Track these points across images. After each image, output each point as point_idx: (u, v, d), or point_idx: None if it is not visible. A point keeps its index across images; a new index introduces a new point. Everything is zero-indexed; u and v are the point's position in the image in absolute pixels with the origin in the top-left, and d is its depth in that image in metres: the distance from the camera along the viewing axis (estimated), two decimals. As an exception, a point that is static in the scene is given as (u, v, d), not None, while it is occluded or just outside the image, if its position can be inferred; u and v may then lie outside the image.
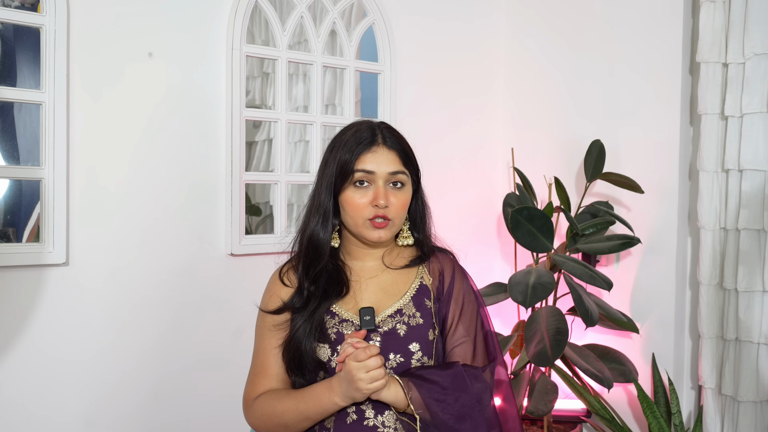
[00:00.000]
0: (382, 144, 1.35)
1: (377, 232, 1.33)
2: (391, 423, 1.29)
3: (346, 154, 1.34)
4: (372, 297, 1.37)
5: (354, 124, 1.40)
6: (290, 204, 2.43)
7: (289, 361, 1.34)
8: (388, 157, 1.34)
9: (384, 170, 1.33)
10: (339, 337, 1.32)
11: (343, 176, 1.34)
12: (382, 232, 1.33)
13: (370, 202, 1.32)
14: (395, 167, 1.34)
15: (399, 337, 1.32)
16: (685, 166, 2.35)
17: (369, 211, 1.32)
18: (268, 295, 1.43)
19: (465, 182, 2.80)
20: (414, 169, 1.39)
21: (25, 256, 1.86)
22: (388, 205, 1.32)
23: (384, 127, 1.38)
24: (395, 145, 1.36)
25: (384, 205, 1.32)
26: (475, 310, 1.41)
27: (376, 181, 1.33)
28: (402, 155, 1.36)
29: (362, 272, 1.40)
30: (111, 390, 2.02)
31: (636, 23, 2.43)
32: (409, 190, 1.37)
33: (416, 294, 1.38)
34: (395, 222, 1.35)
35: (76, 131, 1.95)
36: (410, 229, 1.42)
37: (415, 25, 2.65)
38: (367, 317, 1.31)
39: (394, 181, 1.34)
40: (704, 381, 2.19)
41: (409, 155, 1.38)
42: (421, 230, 1.42)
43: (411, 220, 1.42)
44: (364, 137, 1.35)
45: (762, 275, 2.07)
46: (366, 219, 1.33)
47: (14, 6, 1.88)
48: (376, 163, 1.33)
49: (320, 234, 1.37)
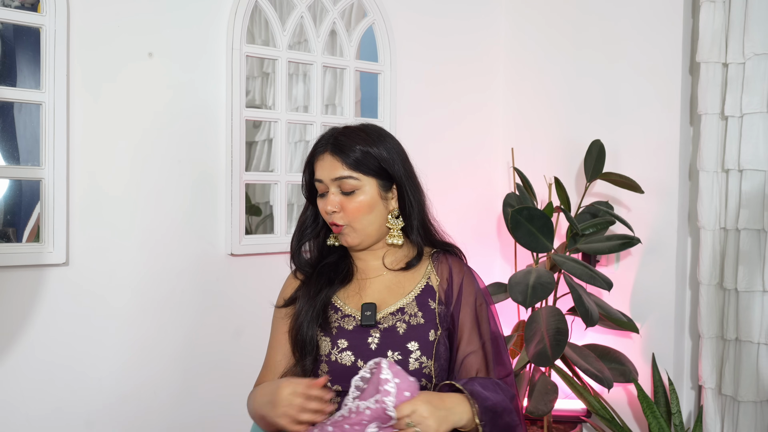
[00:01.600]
0: (328, 152, 1.36)
1: (343, 238, 1.38)
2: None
3: (307, 166, 1.41)
4: (376, 294, 1.39)
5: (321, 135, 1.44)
6: (290, 204, 2.43)
7: (294, 341, 1.39)
8: (332, 164, 1.35)
9: (327, 176, 1.35)
10: (340, 332, 1.35)
11: (309, 187, 1.42)
12: (345, 237, 1.38)
13: (325, 210, 1.37)
14: (338, 173, 1.34)
15: (398, 335, 1.33)
16: (685, 166, 2.35)
17: (327, 218, 1.38)
18: (281, 291, 1.49)
19: (465, 182, 2.80)
20: (373, 170, 1.35)
21: (25, 256, 1.86)
22: (337, 210, 1.35)
23: (339, 133, 1.38)
24: (339, 152, 1.34)
25: (332, 211, 1.35)
26: (485, 314, 1.40)
27: (329, 188, 1.36)
28: (350, 162, 1.34)
29: (368, 271, 1.42)
30: (111, 390, 2.02)
31: (636, 22, 2.43)
32: (368, 193, 1.35)
33: (420, 294, 1.38)
34: (354, 226, 1.36)
35: (76, 131, 1.95)
36: (404, 229, 1.41)
37: (415, 23, 2.65)
38: (368, 312, 1.34)
39: (344, 189, 1.34)
40: (704, 381, 2.19)
41: (361, 160, 1.34)
42: (414, 229, 1.40)
43: (405, 219, 1.41)
44: (318, 145, 1.39)
45: (762, 275, 2.07)
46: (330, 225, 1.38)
47: (14, 6, 1.88)
48: (320, 171, 1.37)
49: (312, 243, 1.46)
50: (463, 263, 1.45)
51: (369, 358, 1.30)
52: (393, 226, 1.40)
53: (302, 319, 1.36)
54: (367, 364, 1.23)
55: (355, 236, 1.37)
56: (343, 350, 1.33)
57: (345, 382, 1.30)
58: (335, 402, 1.31)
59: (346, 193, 1.34)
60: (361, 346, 1.33)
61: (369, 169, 1.35)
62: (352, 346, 1.33)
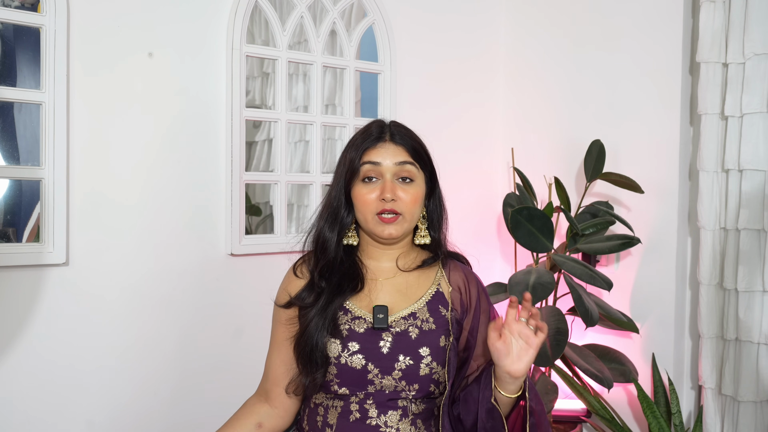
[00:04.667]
0: (389, 140, 1.36)
1: (387, 229, 1.33)
2: (394, 423, 1.30)
3: (354, 152, 1.35)
4: (387, 297, 1.37)
5: (367, 124, 1.41)
6: (290, 204, 2.43)
7: (299, 355, 1.34)
8: (395, 151, 1.34)
9: (390, 162, 1.33)
10: (351, 334, 1.32)
11: (351, 171, 1.35)
12: (392, 228, 1.32)
13: (377, 197, 1.32)
14: (402, 158, 1.34)
15: (410, 340, 1.32)
16: (685, 166, 2.35)
17: (377, 205, 1.32)
18: (280, 289, 1.45)
19: (465, 182, 2.80)
20: (426, 165, 1.38)
21: (25, 256, 1.86)
22: (395, 198, 1.31)
23: (394, 125, 1.39)
24: (404, 140, 1.36)
25: (391, 199, 1.31)
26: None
27: (384, 175, 1.33)
28: (411, 150, 1.36)
29: (378, 272, 1.40)
30: (111, 390, 2.02)
31: (636, 22, 2.43)
32: (421, 186, 1.36)
33: (431, 300, 1.37)
34: (405, 217, 1.33)
35: (76, 131, 1.95)
36: (428, 229, 1.41)
37: (415, 23, 2.65)
38: (381, 315, 1.31)
39: (402, 175, 1.33)
40: (704, 381, 2.19)
41: (419, 151, 1.37)
42: (437, 231, 1.41)
43: (429, 220, 1.41)
44: (372, 133, 1.36)
45: (762, 275, 2.07)
46: (374, 214, 1.32)
47: (14, 6, 1.88)
48: (382, 156, 1.34)
49: (326, 233, 1.38)
50: (474, 274, 1.45)
51: (380, 362, 1.29)
52: (422, 225, 1.40)
53: (313, 332, 1.31)
54: None
55: (402, 228, 1.34)
56: (354, 353, 1.30)
57: (355, 385, 1.30)
58: (338, 406, 1.31)
59: (404, 180, 1.34)
60: (372, 349, 1.31)
61: (423, 163, 1.38)
62: (363, 349, 1.31)
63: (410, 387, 1.30)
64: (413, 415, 1.31)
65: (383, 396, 1.30)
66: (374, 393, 1.30)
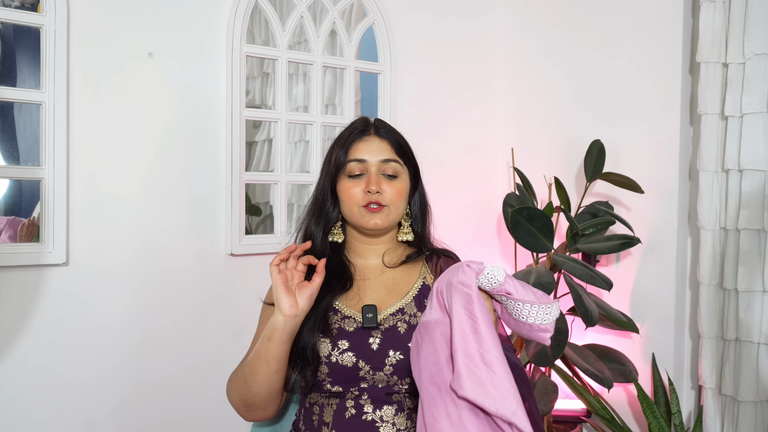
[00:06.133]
0: (374, 134, 1.39)
1: (373, 218, 1.35)
2: (390, 417, 1.30)
3: (339, 147, 1.39)
4: (375, 295, 1.39)
5: (352, 121, 1.44)
6: (290, 204, 2.43)
7: (292, 353, 1.34)
8: (380, 146, 1.37)
9: (375, 158, 1.36)
10: (340, 333, 1.33)
11: (337, 167, 1.38)
12: (377, 218, 1.35)
13: (363, 190, 1.35)
14: (387, 155, 1.37)
15: (399, 335, 1.33)
16: (685, 166, 2.35)
17: (363, 197, 1.35)
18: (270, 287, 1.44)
19: (465, 182, 2.80)
20: (409, 161, 1.41)
21: (25, 256, 1.86)
22: (380, 191, 1.35)
23: (378, 121, 1.42)
24: (388, 135, 1.39)
25: (376, 191, 1.34)
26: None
27: (369, 170, 1.36)
28: (395, 146, 1.39)
29: (366, 271, 1.42)
30: (111, 390, 2.02)
31: (636, 22, 2.43)
32: (405, 181, 1.39)
33: (418, 294, 1.39)
34: (391, 209, 1.36)
35: (76, 131, 1.95)
36: (411, 225, 1.43)
37: (415, 23, 2.65)
38: (370, 315, 1.33)
39: (388, 172, 1.37)
40: (704, 381, 2.19)
41: (404, 147, 1.40)
42: (421, 226, 1.44)
43: (412, 216, 1.44)
44: (357, 128, 1.39)
45: (762, 275, 2.07)
46: (360, 206, 1.35)
47: (14, 6, 1.88)
48: (367, 151, 1.37)
49: (312, 227, 1.41)
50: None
51: (371, 359, 1.30)
52: (405, 221, 1.43)
53: (304, 330, 1.32)
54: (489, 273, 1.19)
55: (388, 219, 1.37)
56: (344, 351, 1.32)
57: (346, 383, 1.30)
58: (334, 404, 1.31)
59: (388, 176, 1.36)
60: (362, 346, 1.32)
61: (407, 159, 1.40)
62: (353, 347, 1.32)
63: (402, 381, 1.31)
64: (408, 409, 1.32)
65: (377, 391, 1.31)
66: (368, 388, 1.31)
